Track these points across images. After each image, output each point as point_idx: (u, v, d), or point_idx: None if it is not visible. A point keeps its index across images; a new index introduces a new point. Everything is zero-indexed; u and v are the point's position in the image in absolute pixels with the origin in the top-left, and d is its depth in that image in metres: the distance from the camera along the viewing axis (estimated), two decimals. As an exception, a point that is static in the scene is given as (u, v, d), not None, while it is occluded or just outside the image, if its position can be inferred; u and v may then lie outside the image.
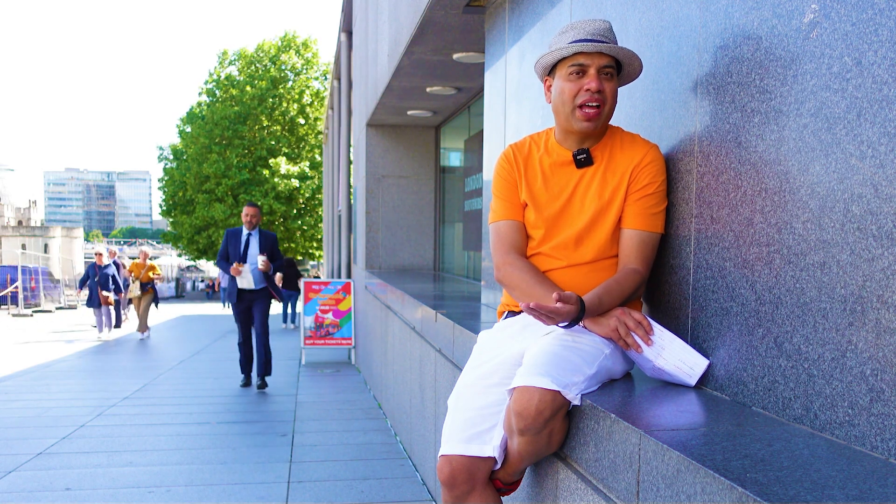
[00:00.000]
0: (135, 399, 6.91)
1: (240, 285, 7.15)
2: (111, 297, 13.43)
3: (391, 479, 4.32)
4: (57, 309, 22.60)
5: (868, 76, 1.27)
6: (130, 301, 13.74)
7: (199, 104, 32.17)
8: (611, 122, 2.00)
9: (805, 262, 1.43)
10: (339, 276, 12.66)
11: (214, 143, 30.72)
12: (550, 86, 1.95)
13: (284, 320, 15.73)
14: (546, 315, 1.68)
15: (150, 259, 14.56)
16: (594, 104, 1.84)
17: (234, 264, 7.01)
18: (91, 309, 13.74)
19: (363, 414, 6.19)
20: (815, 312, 1.40)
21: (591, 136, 1.93)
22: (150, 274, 13.40)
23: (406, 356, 4.84)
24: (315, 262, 36.75)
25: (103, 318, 13.54)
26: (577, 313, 1.74)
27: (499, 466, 1.87)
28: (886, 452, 1.23)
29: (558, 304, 1.69)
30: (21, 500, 3.95)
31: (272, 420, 5.96)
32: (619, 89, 2.03)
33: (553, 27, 2.87)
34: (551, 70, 1.94)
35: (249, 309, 7.32)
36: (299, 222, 31.43)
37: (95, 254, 14.02)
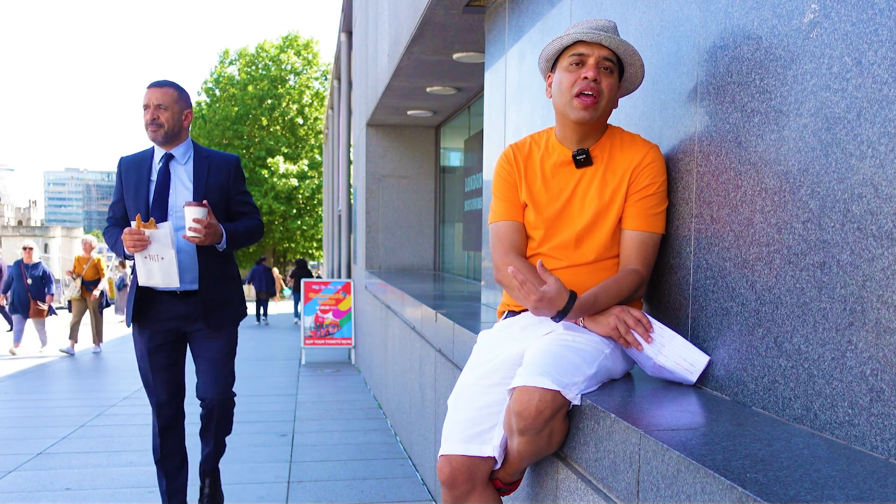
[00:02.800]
0: (135, 399, 6.91)
1: (144, 281, 3.03)
2: (44, 306, 10.42)
3: (391, 479, 4.32)
4: (57, 308, 22.57)
5: (868, 76, 1.27)
6: (70, 305, 10.47)
7: (199, 104, 32.18)
8: (611, 123, 2.00)
9: (805, 262, 1.43)
10: (339, 276, 12.66)
11: (215, 143, 30.71)
12: (552, 81, 1.95)
13: (296, 316, 15.86)
14: (524, 286, 1.74)
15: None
16: (589, 93, 1.84)
17: (134, 223, 2.95)
18: (14, 316, 10.57)
19: (363, 414, 6.19)
20: (815, 312, 1.40)
21: (588, 133, 1.93)
22: (95, 270, 10.14)
23: (406, 356, 4.84)
24: (315, 262, 36.77)
25: (37, 330, 10.58)
26: (564, 301, 1.75)
27: (499, 466, 1.87)
28: (886, 452, 1.23)
29: (543, 288, 1.73)
30: (21, 500, 3.95)
31: (272, 420, 5.96)
32: (619, 90, 2.02)
33: (553, 27, 2.87)
34: (553, 66, 1.95)
35: (180, 346, 3.25)
36: (299, 222, 31.43)
37: (24, 248, 10.56)
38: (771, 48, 1.54)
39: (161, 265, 2.99)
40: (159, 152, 3.17)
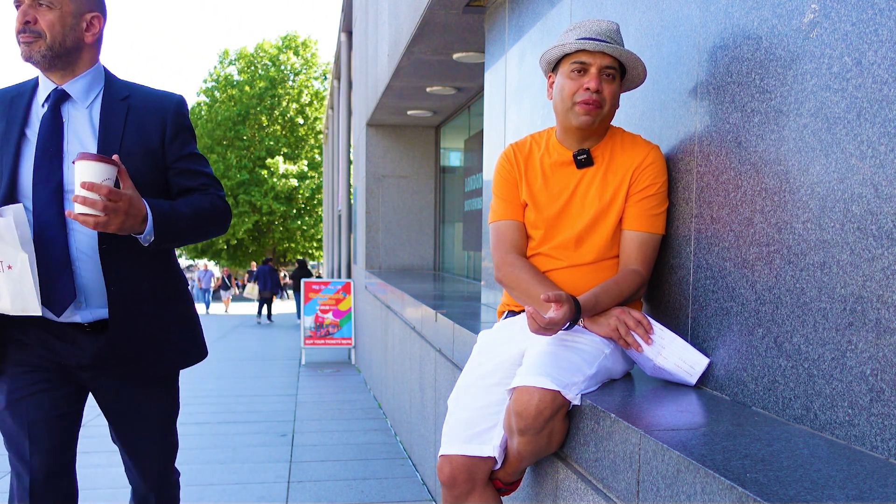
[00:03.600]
0: (135, 399, 6.90)
1: None
2: None
3: (391, 479, 4.32)
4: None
5: (868, 76, 1.27)
6: None
7: (199, 104, 32.19)
8: (612, 123, 2.00)
9: (805, 262, 1.43)
10: (339, 276, 12.66)
11: (215, 143, 30.75)
12: (553, 82, 1.95)
13: (299, 316, 15.94)
14: (545, 328, 1.67)
15: None
16: (592, 104, 1.84)
17: None
18: None
19: (363, 414, 6.19)
20: (815, 312, 1.40)
21: (590, 135, 1.93)
22: None
23: (406, 356, 4.84)
24: (315, 262, 36.81)
25: None
26: (572, 314, 1.73)
27: (499, 466, 1.87)
28: (886, 452, 1.23)
29: (552, 314, 1.68)
30: (21, 500, 3.95)
31: (272, 420, 5.96)
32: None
33: (553, 27, 2.87)
34: (555, 67, 1.94)
35: (72, 393, 1.89)
36: (299, 222, 31.45)
37: None
38: (771, 48, 1.54)
39: (8, 279, 1.74)
40: (45, 86, 1.89)
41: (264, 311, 17.16)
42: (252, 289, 20.11)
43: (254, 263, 25.79)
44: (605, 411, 1.57)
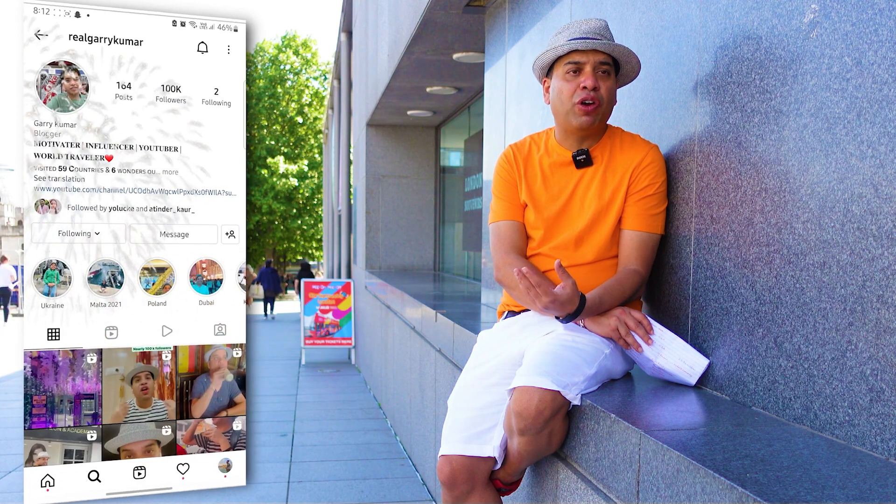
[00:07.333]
0: (135, 399, 6.90)
1: None
2: None
3: (391, 479, 4.32)
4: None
5: (868, 76, 1.27)
6: None
7: (199, 104, 32.12)
8: (611, 123, 2.00)
9: (805, 262, 1.43)
10: (339, 276, 12.66)
11: (214, 143, 30.71)
12: (549, 87, 1.96)
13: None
14: (538, 289, 1.68)
15: None
16: (591, 102, 1.84)
17: None
18: None
19: (363, 414, 6.19)
20: (815, 312, 1.40)
21: (590, 135, 1.93)
22: None
23: (406, 356, 4.84)
24: (315, 262, 36.79)
25: None
26: (575, 305, 1.73)
27: (499, 466, 1.87)
28: (886, 452, 1.23)
29: (557, 290, 1.70)
30: (21, 501, 3.95)
31: (272, 420, 5.95)
32: (619, 90, 2.02)
33: (553, 27, 2.87)
34: (549, 71, 1.95)
35: None
36: (299, 222, 31.44)
37: None
38: (771, 48, 1.54)
39: None
40: None
41: (268, 308, 17.70)
42: (256, 289, 20.96)
43: None
44: (605, 411, 1.57)
